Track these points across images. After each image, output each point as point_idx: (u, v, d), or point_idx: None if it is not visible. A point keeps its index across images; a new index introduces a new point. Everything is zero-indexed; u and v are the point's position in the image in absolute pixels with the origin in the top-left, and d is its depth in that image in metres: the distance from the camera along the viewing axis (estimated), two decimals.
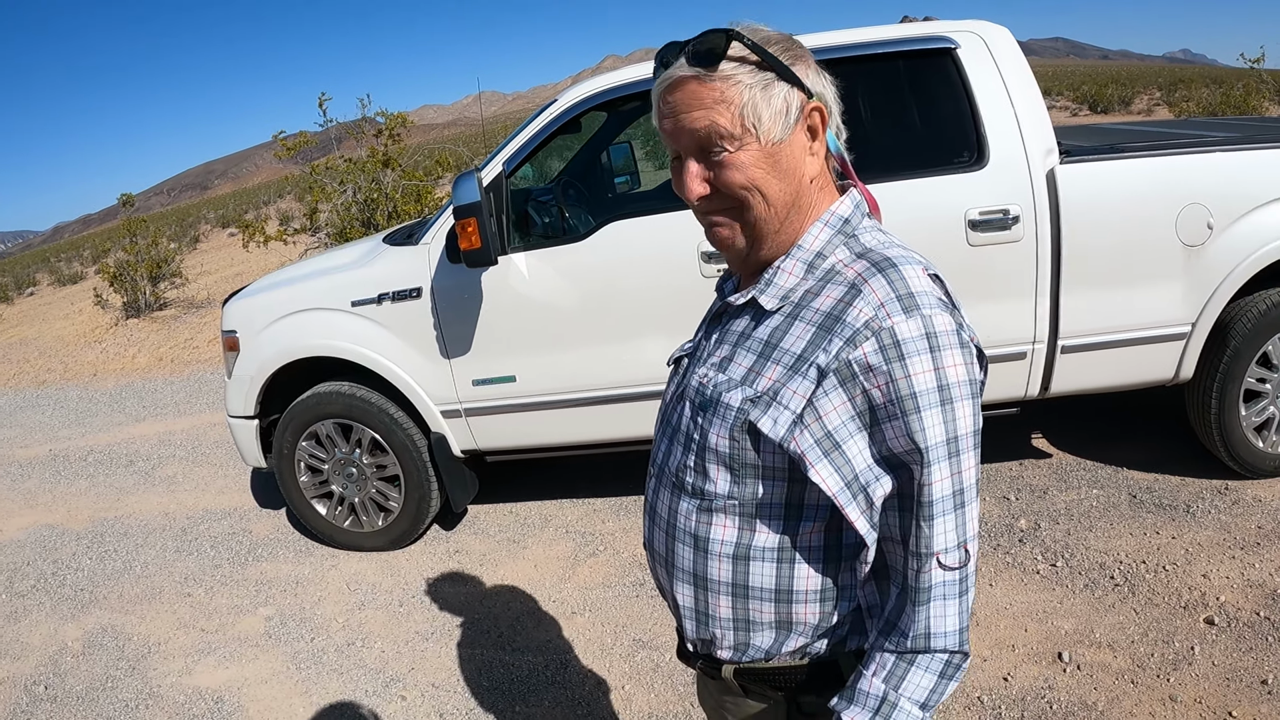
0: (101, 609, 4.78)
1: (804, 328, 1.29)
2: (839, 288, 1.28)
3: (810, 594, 1.36)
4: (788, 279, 1.35)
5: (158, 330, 12.37)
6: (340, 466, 4.82)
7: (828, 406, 1.25)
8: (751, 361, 1.34)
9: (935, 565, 1.24)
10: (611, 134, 5.39)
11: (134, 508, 6.17)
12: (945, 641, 1.26)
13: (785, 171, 1.31)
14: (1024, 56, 4.20)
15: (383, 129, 11.17)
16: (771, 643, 1.41)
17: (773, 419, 1.28)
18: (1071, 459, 4.98)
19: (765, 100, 1.27)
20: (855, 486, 1.26)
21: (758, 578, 1.36)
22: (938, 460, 1.22)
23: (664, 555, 1.48)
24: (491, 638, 4.01)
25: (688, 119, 1.28)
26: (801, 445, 1.26)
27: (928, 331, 1.21)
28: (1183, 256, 4.11)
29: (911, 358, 1.21)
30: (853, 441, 1.25)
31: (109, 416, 8.78)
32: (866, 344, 1.22)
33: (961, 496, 1.25)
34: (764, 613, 1.38)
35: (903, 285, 1.24)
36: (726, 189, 1.30)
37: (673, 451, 1.46)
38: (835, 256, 1.33)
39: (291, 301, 4.76)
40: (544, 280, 4.31)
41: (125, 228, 14.31)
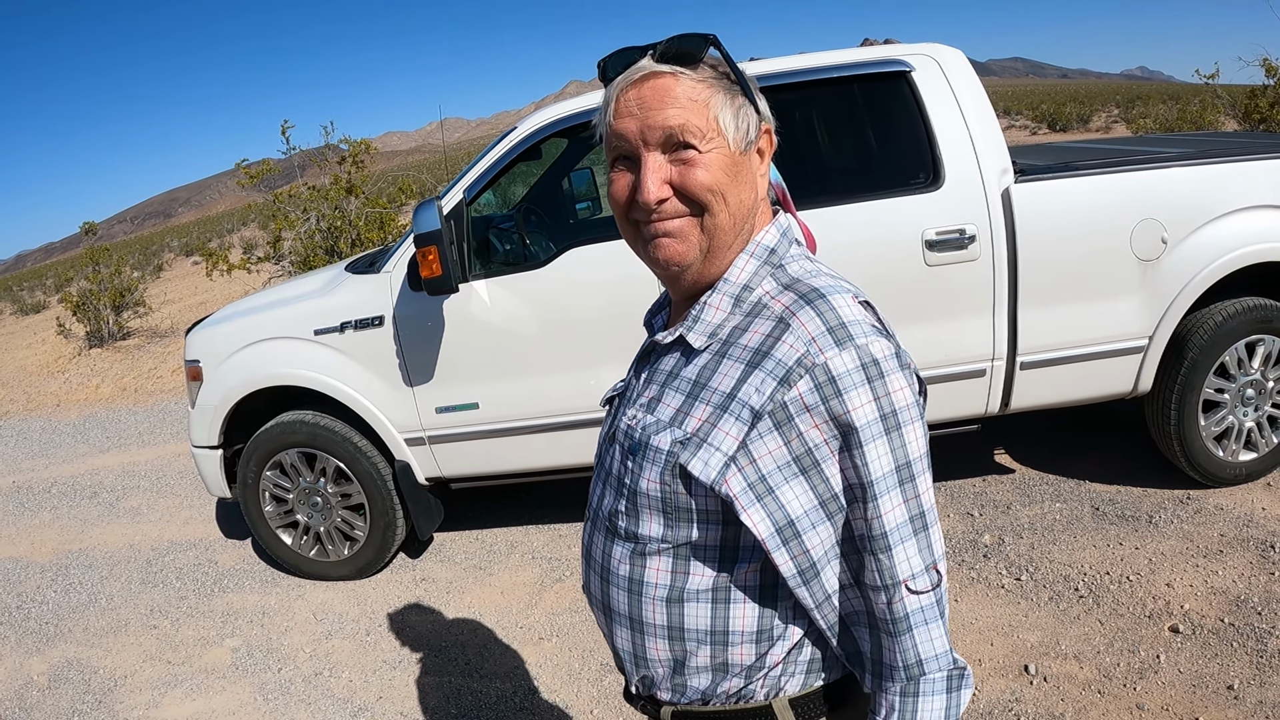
0: (67, 642, 4.72)
1: (733, 365, 1.26)
2: (767, 322, 1.25)
3: (746, 634, 1.32)
4: (715, 314, 1.31)
5: (121, 360, 12.24)
6: (305, 496, 4.79)
7: (762, 450, 1.21)
8: (680, 402, 1.30)
9: (906, 593, 1.20)
10: (572, 160, 5.41)
11: (99, 539, 6.10)
12: (938, 662, 1.23)
13: (746, 183, 1.29)
14: (978, 78, 4.26)
15: (346, 156, 11.12)
16: (708, 684, 1.37)
17: (703, 461, 1.24)
18: (1034, 473, 5.02)
19: (733, 110, 1.27)
20: (788, 532, 1.22)
21: (692, 619, 1.33)
22: (888, 490, 1.19)
23: (600, 599, 1.45)
24: (459, 665, 3.99)
25: (659, 114, 1.24)
26: (734, 488, 1.22)
27: (863, 361, 1.18)
28: (1138, 271, 4.17)
29: (849, 392, 1.17)
30: (788, 487, 1.22)
31: (72, 448, 8.67)
32: (801, 383, 1.19)
33: (922, 520, 1.21)
34: (699, 655, 1.35)
35: (833, 316, 1.21)
36: (693, 189, 1.25)
37: (605, 495, 1.42)
38: (762, 288, 1.30)
39: (254, 330, 4.73)
40: (505, 307, 4.32)
41: (88, 256, 14.19)
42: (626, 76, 1.28)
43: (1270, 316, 4.31)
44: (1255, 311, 4.29)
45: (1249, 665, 3.29)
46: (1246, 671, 3.26)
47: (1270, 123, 11.23)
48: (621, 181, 1.31)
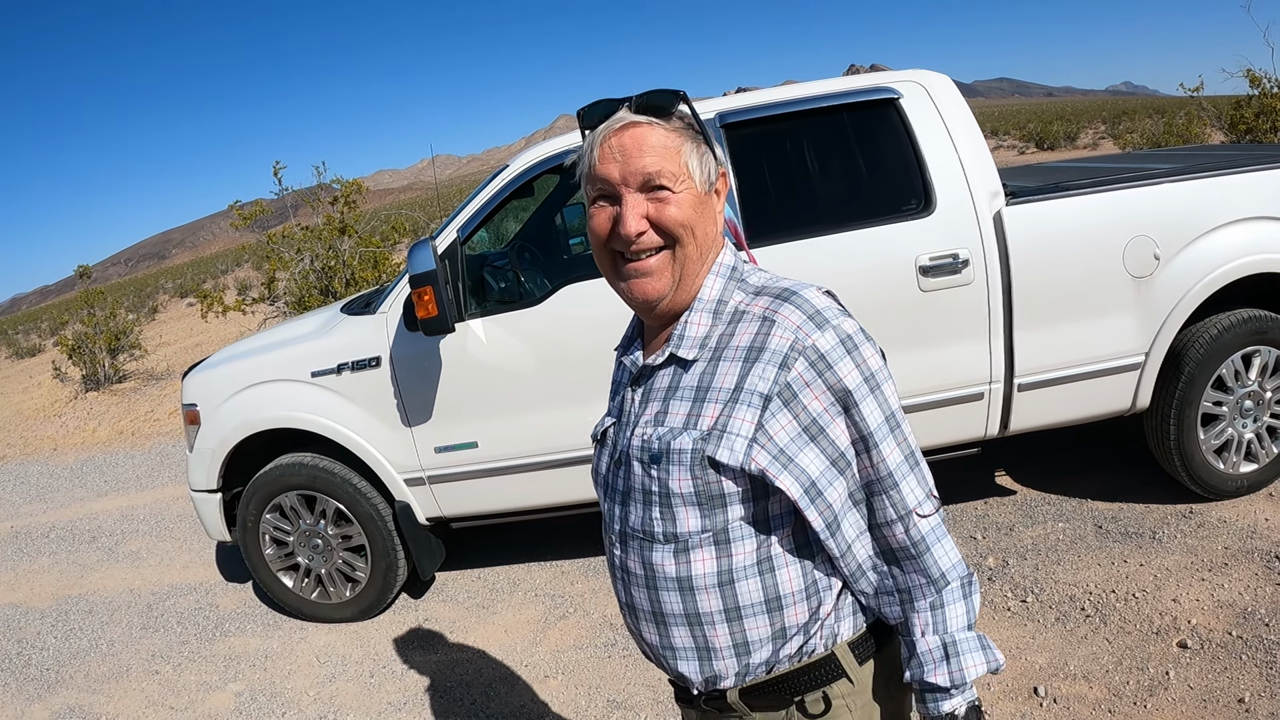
0: (68, 689, 4.69)
1: (731, 365, 1.43)
2: (752, 324, 1.44)
3: (796, 594, 1.47)
4: (697, 329, 1.49)
5: (118, 403, 12.23)
6: (305, 538, 4.77)
7: (776, 426, 1.39)
8: (688, 408, 1.46)
9: (917, 518, 1.43)
10: (565, 196, 5.41)
11: (98, 584, 6.07)
12: (955, 571, 1.45)
13: (709, 219, 1.49)
14: (965, 102, 4.28)
15: (338, 196, 11.15)
16: (770, 654, 1.49)
17: (729, 448, 1.40)
18: (1036, 494, 5.02)
19: (698, 156, 1.47)
20: (814, 491, 1.40)
21: (746, 595, 1.46)
22: (884, 436, 1.42)
23: (649, 609, 1.54)
24: (465, 705, 3.97)
25: (639, 161, 1.42)
26: (761, 462, 1.39)
27: (841, 337, 1.40)
28: (1132, 288, 4.18)
29: (837, 364, 1.39)
30: (803, 454, 1.40)
31: (70, 492, 8.65)
32: (798, 364, 1.39)
33: (914, 457, 1.45)
34: (760, 627, 1.47)
35: (808, 306, 1.42)
36: (669, 224, 1.43)
37: (631, 512, 1.53)
38: (734, 300, 1.49)
39: (251, 373, 4.73)
40: (502, 345, 4.32)
41: (83, 299, 14.20)
42: (609, 125, 1.46)
43: (1265, 327, 4.32)
44: (1250, 323, 4.30)
45: (1259, 677, 3.28)
46: (1257, 684, 3.25)
47: (1256, 133, 11.30)
48: (602, 216, 1.48)
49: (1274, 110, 10.92)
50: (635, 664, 4.06)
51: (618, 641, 4.27)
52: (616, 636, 4.31)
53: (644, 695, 3.83)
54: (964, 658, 1.43)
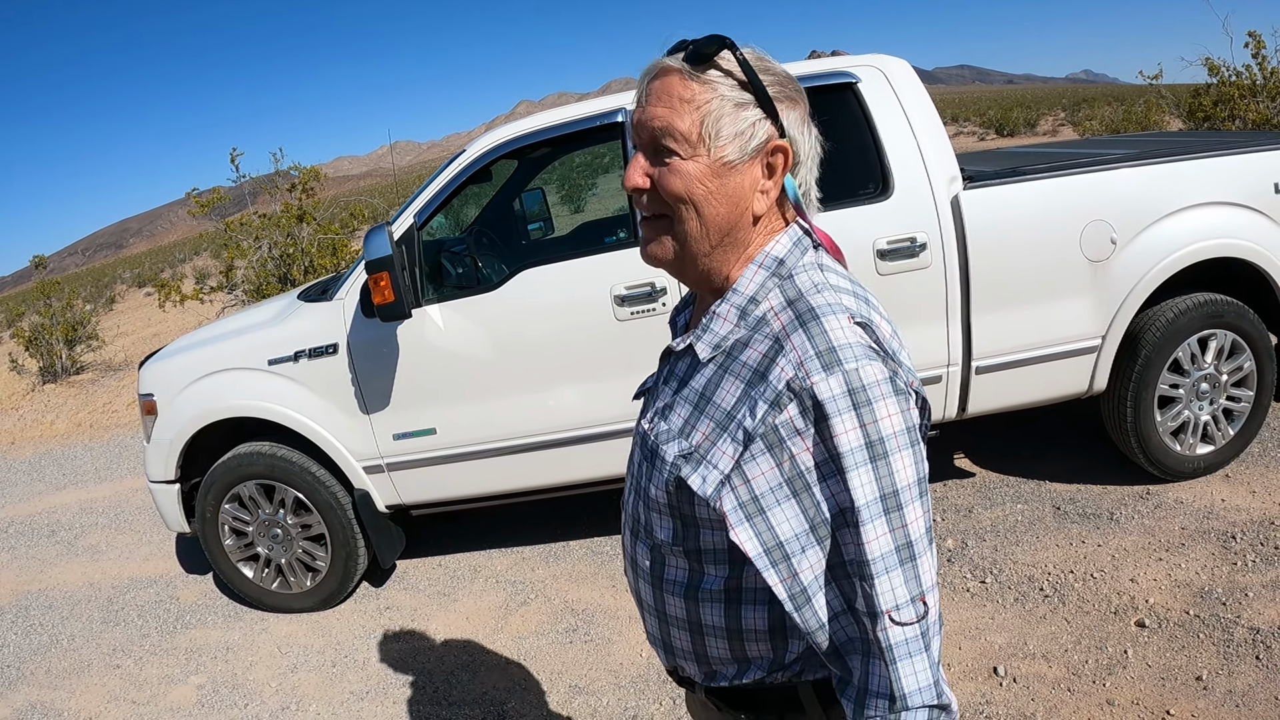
0: (29, 685, 4.63)
1: (733, 383, 1.27)
2: (765, 341, 1.26)
3: (760, 633, 1.35)
4: (722, 325, 1.32)
5: (76, 395, 12.07)
6: (265, 528, 4.73)
7: (755, 471, 1.22)
8: (688, 413, 1.33)
9: (889, 623, 1.18)
10: (523, 181, 5.40)
11: (58, 579, 6.00)
12: (921, 698, 1.19)
13: (727, 197, 1.28)
14: (924, 87, 4.29)
15: (296, 183, 11.08)
16: (734, 673, 1.41)
17: (701, 477, 1.27)
18: (994, 476, 5.05)
19: (731, 118, 1.26)
20: (777, 554, 1.23)
21: (709, 616, 1.37)
22: (872, 518, 1.17)
23: (633, 588, 1.52)
24: (427, 693, 3.95)
25: (651, 111, 1.27)
26: (725, 506, 1.24)
27: (851, 387, 1.17)
28: (1089, 272, 4.22)
29: (833, 418, 1.17)
30: (779, 509, 1.22)
31: (29, 486, 8.53)
32: (790, 406, 1.19)
33: (909, 550, 1.19)
34: (719, 648, 1.39)
35: (823, 340, 1.20)
36: (665, 193, 1.28)
37: (631, 493, 1.49)
38: (768, 302, 1.30)
39: (208, 362, 4.68)
40: (459, 331, 4.29)
41: (39, 290, 13.99)
42: (651, 67, 1.31)
43: (1221, 311, 4.36)
44: (1206, 307, 4.35)
45: (1216, 655, 3.33)
46: (1214, 662, 3.30)
47: (1214, 121, 11.42)
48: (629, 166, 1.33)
49: (1231, 98, 11.03)
50: (596, 649, 4.07)
51: (579, 627, 4.27)
52: (578, 622, 4.31)
53: (606, 680, 3.83)
54: None
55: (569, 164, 20.21)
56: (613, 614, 4.34)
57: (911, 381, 1.25)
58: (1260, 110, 10.71)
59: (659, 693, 3.68)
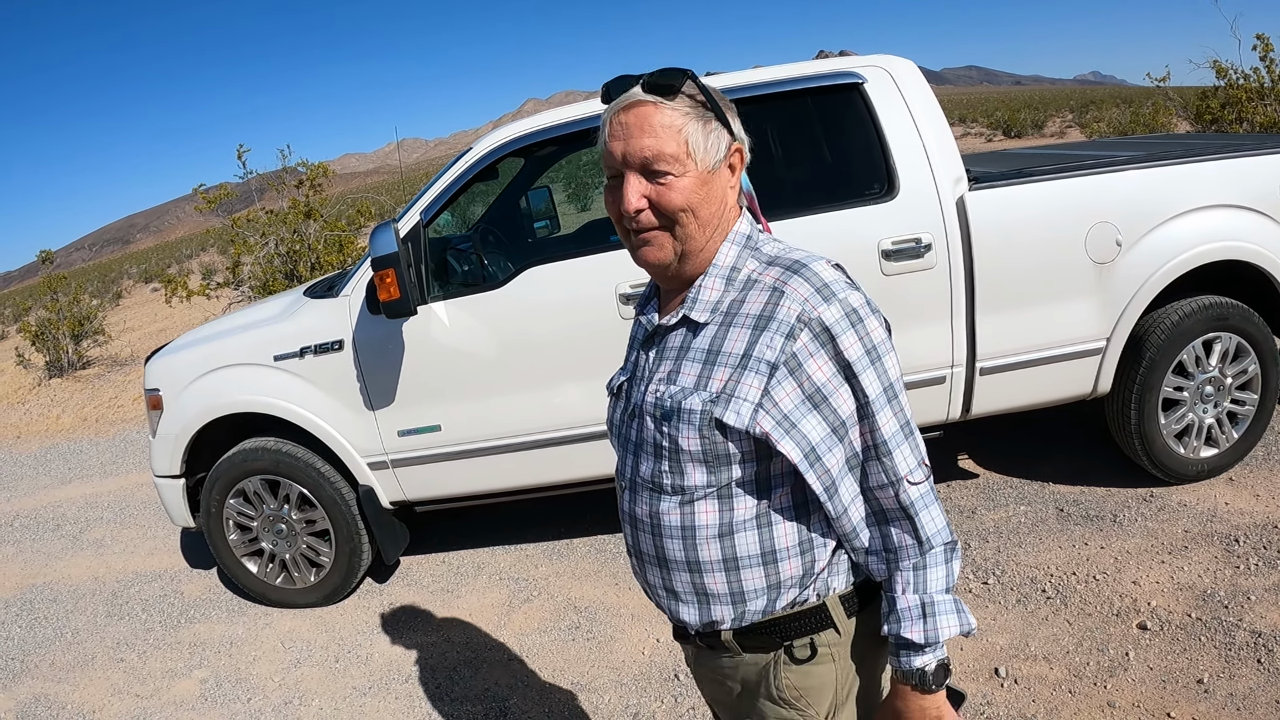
0: (33, 678, 4.65)
1: (740, 331, 1.50)
2: (763, 293, 1.51)
3: (792, 549, 1.57)
4: (711, 294, 1.56)
5: (82, 390, 12.10)
6: (269, 523, 4.74)
7: (781, 394, 1.47)
8: (698, 370, 1.53)
9: (907, 485, 1.50)
10: (529, 179, 5.40)
11: (63, 573, 6.02)
12: (941, 537, 1.52)
13: (714, 198, 1.53)
14: (930, 88, 4.29)
15: (303, 179, 11.08)
16: (765, 604, 1.59)
17: (735, 412, 1.48)
18: (998, 477, 5.06)
19: (704, 134, 1.50)
20: (813, 456, 1.48)
21: (744, 547, 1.56)
22: (882, 406, 1.49)
23: (654, 555, 1.65)
24: (430, 689, 3.97)
25: (639, 141, 1.48)
26: (765, 426, 1.47)
27: (847, 311, 1.46)
28: (1094, 274, 4.21)
29: (841, 336, 1.46)
30: (805, 421, 1.47)
31: (34, 480, 8.56)
32: (803, 335, 1.46)
33: (909, 428, 1.52)
34: (755, 578, 1.57)
35: (816, 280, 1.48)
36: (666, 208, 1.50)
37: (641, 463, 1.63)
38: (748, 268, 1.56)
39: (214, 358, 4.69)
40: (465, 328, 4.30)
41: (46, 285, 14.02)
42: (618, 102, 1.52)
43: (1226, 314, 4.36)
44: (1211, 309, 4.34)
45: (1218, 659, 3.33)
46: (1216, 665, 3.30)
47: (1222, 123, 11.40)
48: (614, 193, 1.54)
49: (1239, 101, 11.01)
50: (599, 647, 4.08)
51: (582, 624, 4.28)
52: (580, 620, 4.32)
53: (608, 677, 3.84)
54: (939, 618, 1.51)
55: (575, 162, 20.20)
56: (615, 611, 4.35)
57: (877, 307, 1.54)
58: (1268, 113, 10.70)
59: (661, 690, 3.69)
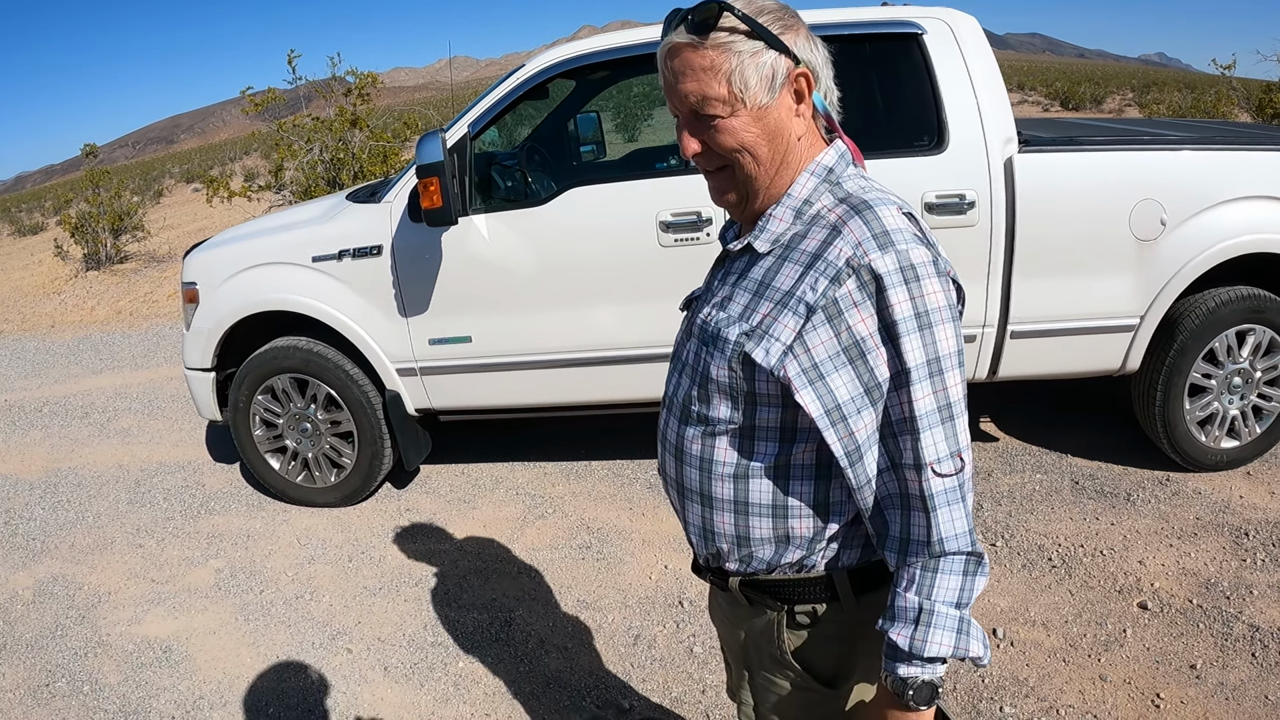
0: (53, 558, 4.76)
1: (792, 268, 1.41)
2: (823, 230, 1.40)
3: (803, 508, 1.49)
4: (779, 225, 1.46)
5: (117, 283, 12.24)
6: (295, 421, 4.82)
7: (815, 340, 1.37)
8: (747, 300, 1.46)
9: (931, 474, 1.35)
10: (579, 102, 5.38)
11: (88, 459, 6.13)
12: (958, 544, 1.37)
13: (773, 132, 1.43)
14: (989, 46, 4.24)
15: (352, 88, 11.05)
16: (771, 554, 1.53)
17: (765, 349, 1.40)
18: (1017, 444, 5.06)
19: (753, 67, 1.38)
20: (836, 414, 1.37)
21: (755, 494, 1.50)
22: (920, 379, 1.34)
23: (674, 478, 1.62)
24: (438, 595, 4.05)
25: (682, 86, 1.40)
26: (789, 372, 1.38)
27: (903, 265, 1.33)
28: (1135, 250, 4.18)
29: (889, 290, 1.32)
30: (836, 375, 1.37)
31: (65, 368, 8.69)
32: (849, 281, 1.34)
33: (950, 410, 1.36)
34: (762, 527, 1.51)
35: (878, 224, 1.36)
36: (720, 150, 1.43)
37: (681, 383, 1.59)
38: (820, 203, 1.44)
39: (253, 255, 4.74)
40: (503, 243, 4.32)
41: (88, 179, 14.12)
42: (662, 47, 1.44)
43: (1263, 307, 4.31)
44: (1248, 301, 4.30)
45: (1213, 647, 3.34)
46: (1210, 653, 3.31)
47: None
48: (680, 134, 1.47)
49: None
50: (607, 567, 4.14)
51: (593, 545, 4.34)
52: (591, 539, 4.39)
53: (613, 598, 3.91)
54: (933, 631, 1.36)
55: (626, 91, 19.99)
56: (627, 535, 4.41)
57: (949, 270, 1.41)
58: None
59: (663, 616, 3.75)
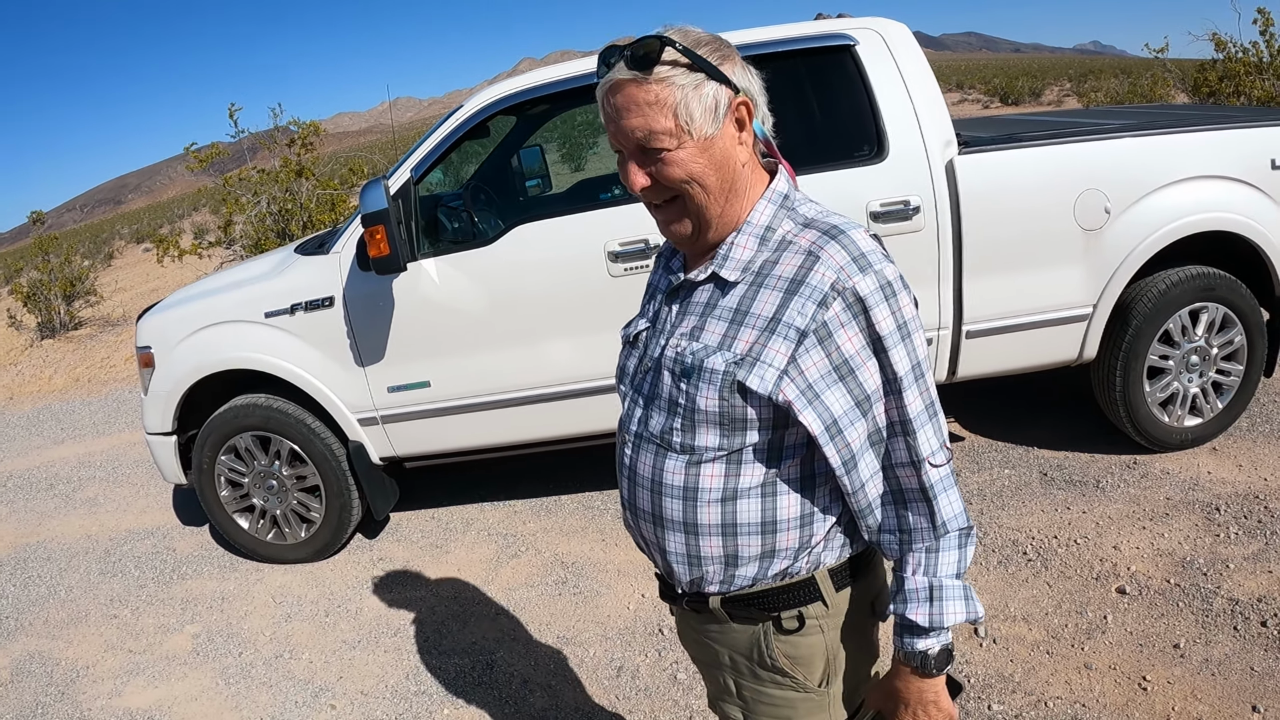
0: (28, 635, 4.68)
1: (771, 294, 1.46)
2: (797, 255, 1.46)
3: (792, 521, 1.54)
4: (743, 252, 1.50)
5: (74, 350, 12.09)
6: (260, 479, 4.77)
7: (808, 362, 1.43)
8: (724, 329, 1.49)
9: (929, 467, 1.47)
10: (522, 137, 5.39)
11: (56, 531, 6.03)
12: (957, 522, 1.50)
13: (720, 162, 1.46)
14: (922, 51, 4.28)
15: (295, 138, 11.01)
16: (757, 570, 1.57)
17: (759, 376, 1.44)
18: (983, 441, 5.10)
19: (696, 99, 1.41)
20: (834, 429, 1.45)
21: (745, 514, 1.53)
22: (909, 385, 1.45)
23: (649, 511, 1.62)
24: (418, 643, 4.01)
25: (626, 122, 1.42)
26: (789, 394, 1.44)
27: (881, 284, 1.42)
28: (1082, 241, 4.23)
29: (874, 308, 1.41)
30: (829, 393, 1.44)
31: (27, 440, 8.56)
32: (836, 304, 1.41)
33: (933, 409, 1.49)
34: (751, 546, 1.55)
35: (854, 248, 1.43)
36: (668, 183, 1.45)
37: (651, 417, 1.59)
38: (783, 228, 1.50)
39: (205, 315, 4.69)
40: (454, 285, 4.31)
41: (37, 246, 13.97)
42: (603, 84, 1.45)
43: (1213, 284, 4.38)
44: (1198, 279, 4.36)
45: (1195, 624, 3.37)
46: (1192, 630, 3.34)
47: (1219, 96, 11.36)
48: (623, 169, 1.49)
49: (1237, 74, 10.97)
50: (584, 601, 4.12)
51: (568, 580, 4.32)
52: (567, 574, 4.37)
53: (593, 632, 3.89)
54: (946, 603, 1.49)
55: (569, 121, 20.00)
56: (602, 567, 4.39)
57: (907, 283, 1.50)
58: (1266, 87, 10.66)
59: (645, 645, 3.73)
